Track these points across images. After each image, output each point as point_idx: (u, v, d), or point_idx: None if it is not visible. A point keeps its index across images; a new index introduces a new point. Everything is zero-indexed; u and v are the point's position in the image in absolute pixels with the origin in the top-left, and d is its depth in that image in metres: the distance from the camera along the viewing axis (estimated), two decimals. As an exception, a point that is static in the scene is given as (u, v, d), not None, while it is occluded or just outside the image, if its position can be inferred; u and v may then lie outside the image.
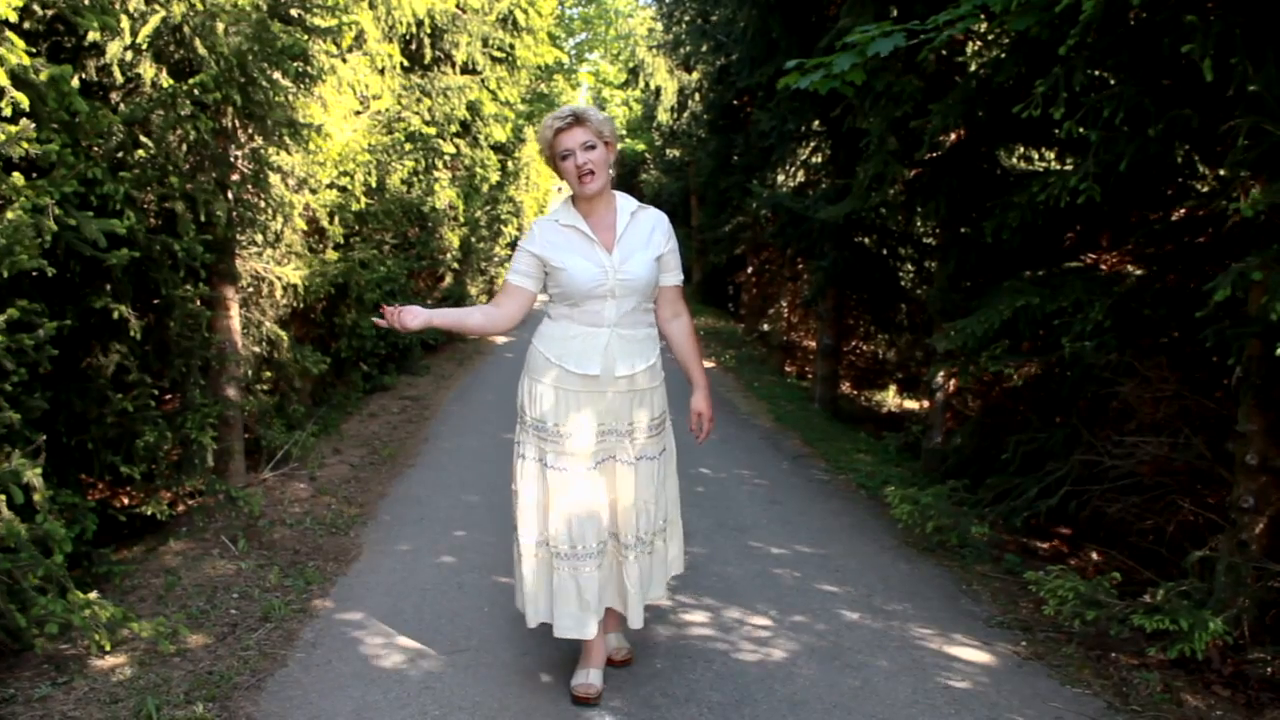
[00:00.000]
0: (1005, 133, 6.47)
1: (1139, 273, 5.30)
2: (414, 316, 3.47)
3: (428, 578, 5.00)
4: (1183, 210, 5.35)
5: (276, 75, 5.50)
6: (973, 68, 6.34)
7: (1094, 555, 5.54)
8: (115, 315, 4.58)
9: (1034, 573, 4.53)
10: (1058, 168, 6.57)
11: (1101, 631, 4.27)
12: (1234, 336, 3.97)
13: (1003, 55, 5.34)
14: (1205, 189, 5.19)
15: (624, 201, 3.62)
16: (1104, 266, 6.12)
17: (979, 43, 6.52)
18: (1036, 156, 8.01)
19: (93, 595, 3.77)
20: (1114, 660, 4.19)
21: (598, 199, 3.53)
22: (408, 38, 11.29)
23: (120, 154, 4.69)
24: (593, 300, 3.49)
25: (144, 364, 5.01)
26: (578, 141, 3.43)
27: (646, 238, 3.57)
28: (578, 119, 3.45)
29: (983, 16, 4.43)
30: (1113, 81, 4.38)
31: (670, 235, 3.65)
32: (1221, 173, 4.16)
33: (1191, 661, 3.96)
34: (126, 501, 5.68)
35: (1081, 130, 4.26)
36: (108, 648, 3.80)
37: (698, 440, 3.83)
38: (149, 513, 5.06)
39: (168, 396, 5.74)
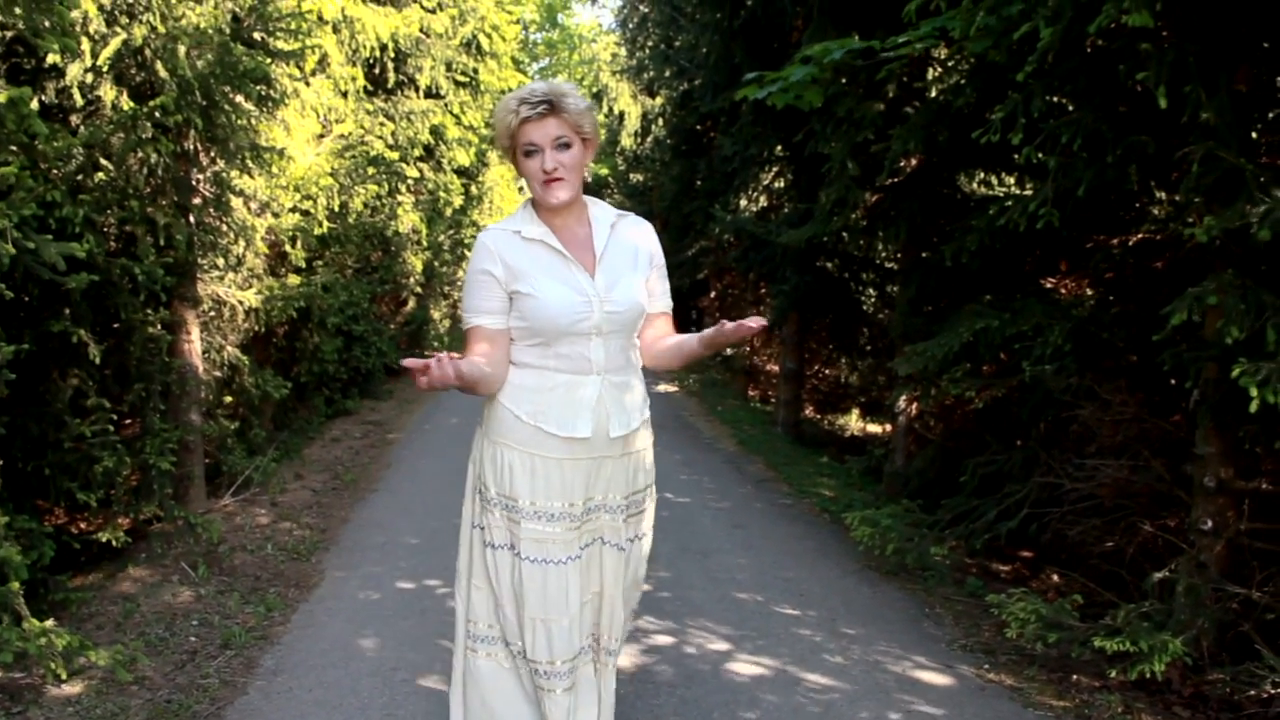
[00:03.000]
0: (965, 158, 6.55)
1: (1097, 297, 5.36)
2: (450, 364, 2.38)
3: (390, 604, 4.96)
4: (1140, 235, 5.43)
5: (239, 98, 5.48)
6: (933, 93, 6.42)
7: (1055, 578, 5.58)
8: (74, 339, 4.52)
9: (996, 595, 4.57)
10: (1017, 193, 6.66)
11: (1063, 654, 4.29)
12: (1191, 360, 4.03)
13: (962, 81, 5.41)
14: (1162, 214, 5.26)
15: (599, 210, 2.81)
16: (1063, 291, 6.20)
17: (939, 68, 6.61)
18: (996, 182, 8.10)
19: (49, 623, 3.70)
20: (1075, 682, 4.22)
21: (567, 209, 2.72)
22: (371, 62, 11.31)
23: (80, 177, 4.65)
24: (571, 339, 2.65)
25: (103, 388, 4.95)
26: (549, 137, 2.59)
27: (633, 256, 2.79)
28: (552, 107, 2.58)
29: (942, 41, 4.50)
30: (1071, 108, 4.45)
31: (659, 249, 2.89)
32: (1177, 198, 4.23)
33: (1152, 683, 3.98)
34: (84, 527, 5.60)
35: (1040, 156, 4.33)
36: (64, 676, 3.74)
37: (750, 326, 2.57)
38: (105, 539, 4.99)
39: (127, 421, 5.68)
